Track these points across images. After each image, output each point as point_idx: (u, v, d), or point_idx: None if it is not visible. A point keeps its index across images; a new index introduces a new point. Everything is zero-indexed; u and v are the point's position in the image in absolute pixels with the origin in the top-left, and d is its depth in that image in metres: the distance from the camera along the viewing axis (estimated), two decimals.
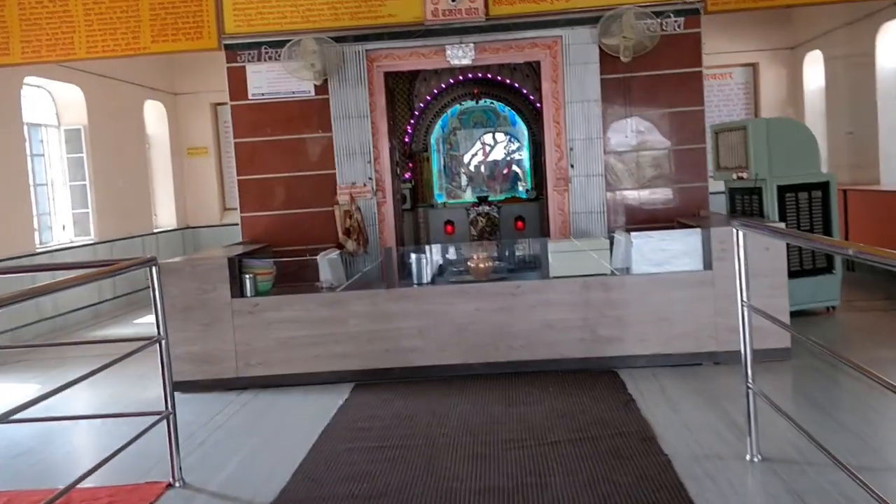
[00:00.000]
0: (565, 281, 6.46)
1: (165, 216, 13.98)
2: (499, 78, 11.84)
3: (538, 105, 11.53)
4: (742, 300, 4.33)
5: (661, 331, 6.40)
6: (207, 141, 14.25)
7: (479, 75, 11.86)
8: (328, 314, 6.52)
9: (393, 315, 6.48)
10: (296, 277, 7.52)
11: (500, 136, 12.32)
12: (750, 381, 4.33)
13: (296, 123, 8.51)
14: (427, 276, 6.61)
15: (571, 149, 8.31)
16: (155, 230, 13.36)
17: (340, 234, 8.32)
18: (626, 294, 6.42)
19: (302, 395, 6.29)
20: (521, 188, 12.40)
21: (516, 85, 11.82)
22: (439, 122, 12.24)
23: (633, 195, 8.45)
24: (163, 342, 4.54)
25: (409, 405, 5.77)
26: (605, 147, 8.35)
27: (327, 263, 6.93)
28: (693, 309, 6.39)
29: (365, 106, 8.38)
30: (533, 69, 11.68)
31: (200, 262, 6.64)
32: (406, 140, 12.05)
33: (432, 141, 12.27)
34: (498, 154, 12.47)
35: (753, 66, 13.81)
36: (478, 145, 12.45)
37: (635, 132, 8.40)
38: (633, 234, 6.64)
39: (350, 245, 8.26)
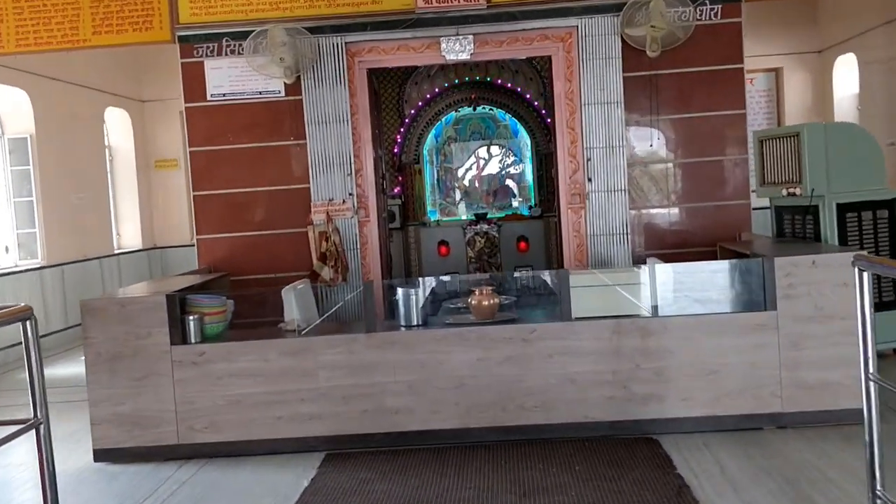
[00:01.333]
0: (591, 324, 5.14)
1: (129, 236, 12.63)
2: (499, 82, 10.56)
3: (543, 112, 10.27)
4: (866, 371, 3.01)
5: (711, 387, 5.08)
6: (178, 153, 12.89)
7: (477, 79, 10.57)
8: (293, 365, 5.19)
9: (374, 366, 5.15)
10: (257, 316, 6.19)
11: (495, 150, 11.02)
12: (879, 486, 3.00)
13: (263, 129, 7.21)
14: (417, 315, 5.28)
15: (589, 159, 7.02)
16: (116, 251, 12.01)
17: (315, 260, 7.02)
18: (667, 340, 5.10)
19: (258, 470, 4.95)
20: (522, 204, 11.10)
21: (518, 89, 10.54)
22: (432, 131, 10.96)
23: (662, 214, 7.16)
24: (41, 427, 3.19)
25: (394, 490, 4.42)
26: (628, 157, 7.06)
27: (294, 299, 5.60)
28: (751, 359, 5.07)
29: (345, 109, 7.08)
30: (537, 71, 10.41)
31: (132, 300, 5.31)
32: (395, 151, 10.76)
33: (425, 152, 10.98)
34: (493, 168, 11.17)
35: (777, 72, 12.57)
36: (473, 158, 11.16)
37: (664, 140, 7.11)
38: (672, 264, 5.34)
39: (326, 273, 6.94)
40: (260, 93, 7.19)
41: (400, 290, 5.28)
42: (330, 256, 6.98)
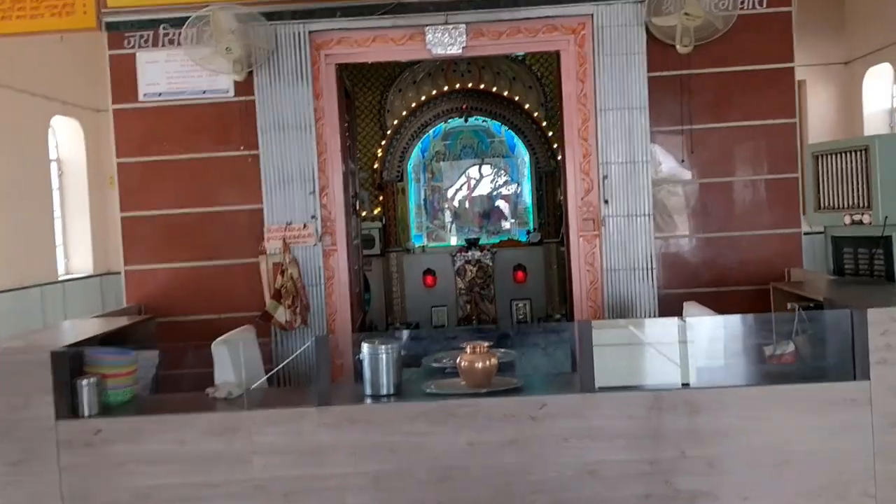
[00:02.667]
0: (621, 396, 3.82)
1: (79, 260, 11.23)
2: (494, 90, 9.29)
3: (543, 124, 9.02)
4: None
5: (782, 482, 3.77)
6: None
7: (470, 86, 9.30)
8: (220, 448, 3.85)
9: (329, 452, 3.82)
10: (187, 376, 4.86)
11: (486, 169, 9.74)
12: None
13: (207, 137, 5.91)
14: (387, 381, 3.95)
15: (605, 177, 5.74)
16: (62, 277, 10.64)
17: (268, 299, 5.71)
18: (723, 419, 3.79)
19: None
20: (519, 229, 9.81)
21: (516, 99, 9.28)
22: (418, 145, 9.68)
23: (694, 245, 5.87)
24: None
25: None
26: (653, 175, 5.78)
27: (227, 355, 4.28)
28: (835, 445, 3.76)
29: (307, 112, 5.80)
30: (537, 78, 9.15)
31: (5, 356, 3.97)
32: (376, 166, 9.47)
33: (409, 168, 9.69)
34: (485, 188, 9.89)
35: (799, 84, 11.32)
36: (464, 178, 9.88)
37: (698, 154, 5.84)
38: (724, 317, 4.05)
39: (281, 315, 5.64)
40: (204, 92, 5.90)
41: (365, 348, 3.95)
42: (286, 294, 5.66)
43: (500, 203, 9.86)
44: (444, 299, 9.36)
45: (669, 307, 5.72)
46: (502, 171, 9.80)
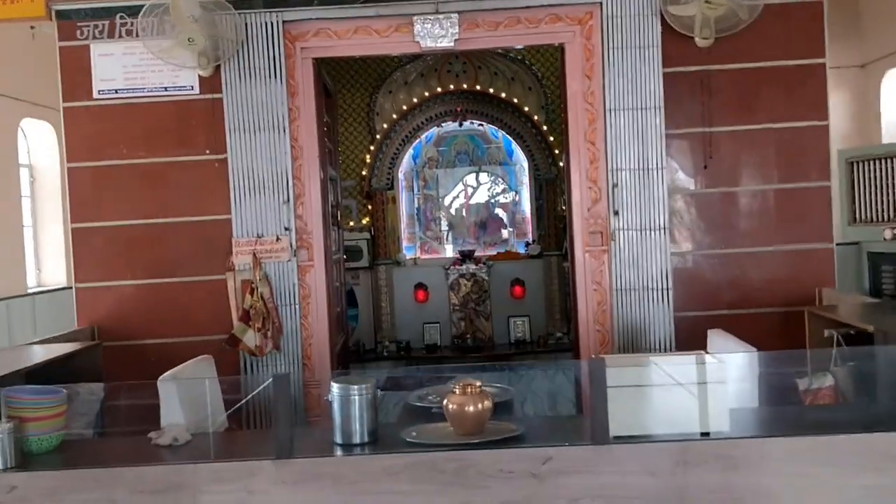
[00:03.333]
0: (641, 448, 3.18)
1: (52, 271, 10.60)
2: (491, 91, 8.67)
3: (544, 129, 8.40)
4: None
5: None
6: None
7: (465, 87, 8.68)
8: None
9: None
10: (134, 412, 4.21)
11: (483, 177, 9.11)
12: None
13: (168, 139, 5.29)
14: (361, 428, 3.31)
15: (615, 185, 5.12)
16: (32, 290, 9.99)
17: (236, 321, 5.08)
18: (764, 476, 3.15)
19: None
20: (517, 240, 9.18)
21: (515, 101, 8.65)
22: (410, 151, 9.05)
23: (715, 262, 5.25)
24: None
25: None
26: (669, 184, 5.16)
27: (174, 392, 3.64)
28: None
29: (281, 112, 5.18)
30: (537, 78, 8.54)
31: None
32: (364, 174, 8.85)
33: (400, 176, 9.06)
34: (481, 197, 9.26)
35: None
36: (460, 186, 9.25)
37: (718, 160, 5.22)
38: (760, 353, 3.41)
39: (251, 339, 5.01)
40: (166, 89, 5.27)
41: (335, 388, 3.30)
42: (256, 315, 5.03)
43: (499, 212, 9.22)
44: (436, 315, 8.73)
45: (686, 332, 5.11)
46: (500, 179, 9.17)
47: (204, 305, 5.27)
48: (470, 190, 9.22)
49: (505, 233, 9.20)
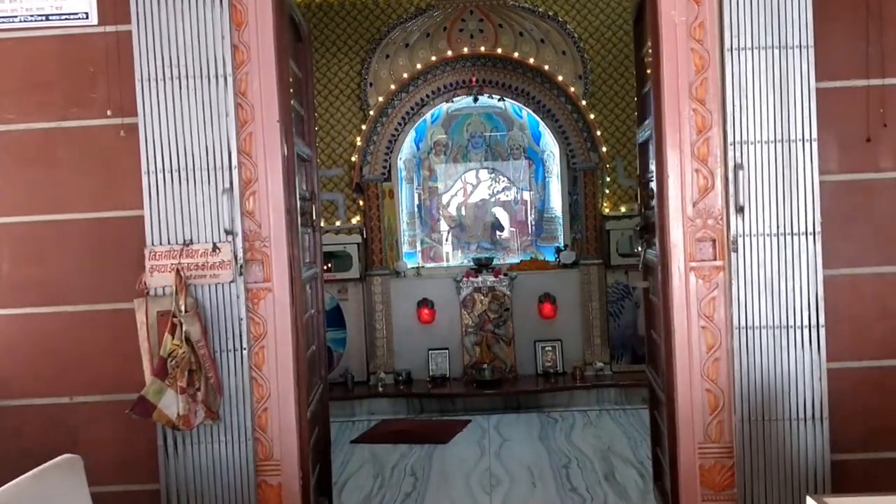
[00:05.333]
0: None
1: None
2: (514, 56, 6.84)
3: (581, 104, 6.61)
4: None
5: None
6: None
7: (482, 50, 6.85)
8: None
9: None
10: None
11: (483, 175, 7.31)
12: None
13: (50, 93, 3.47)
14: None
15: (739, 167, 3.29)
16: None
17: (148, 374, 3.26)
18: None
19: None
20: (542, 245, 7.36)
21: (545, 68, 6.83)
22: (412, 134, 7.22)
23: (892, 287, 3.42)
24: None
25: None
26: (821, 165, 3.33)
27: None
28: None
29: (221, 53, 3.36)
30: (573, 40, 6.76)
31: None
32: (354, 160, 7.01)
33: (400, 164, 7.23)
34: (499, 193, 7.47)
35: None
36: (471, 177, 7.45)
37: None
38: None
39: (171, 403, 3.24)
40: (47, 17, 3.44)
41: None
42: (179, 366, 3.20)
43: (516, 210, 7.43)
44: (445, 340, 6.91)
45: (848, 395, 3.32)
46: (524, 169, 7.34)
47: (102, 348, 3.46)
48: (491, 183, 7.40)
49: (508, 238, 7.39)
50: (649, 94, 3.82)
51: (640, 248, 4.29)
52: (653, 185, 3.83)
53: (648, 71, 3.94)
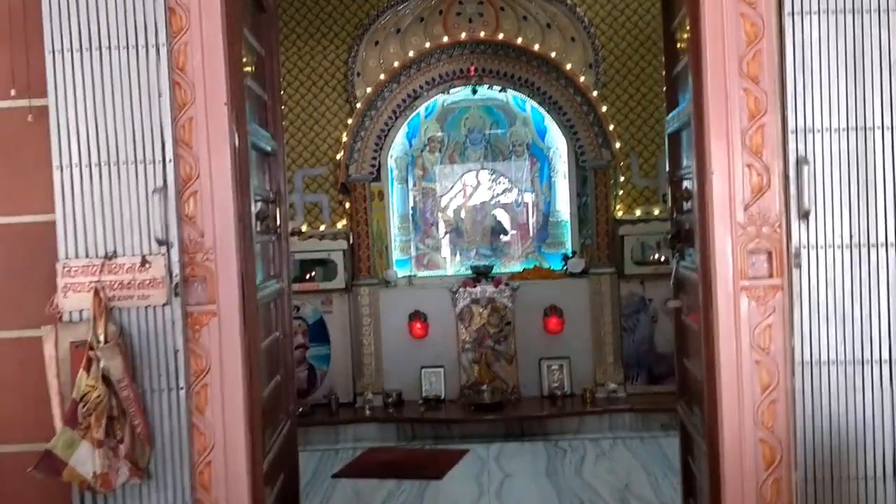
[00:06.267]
0: None
1: None
2: (518, 43, 6.17)
3: (592, 95, 5.96)
4: None
5: None
6: None
7: (482, 36, 6.18)
8: None
9: None
10: None
11: (483, 176, 6.63)
12: None
13: None
14: None
15: (802, 161, 2.61)
16: None
17: (58, 423, 2.56)
18: None
19: None
20: (547, 251, 6.68)
21: (553, 55, 6.16)
22: (404, 129, 6.54)
23: None
24: None
25: None
26: None
27: None
28: None
29: (152, 17, 2.68)
30: (584, 26, 6.09)
31: None
32: (339, 158, 6.33)
33: (390, 162, 6.55)
34: (501, 195, 6.78)
35: None
36: (471, 177, 6.76)
37: None
38: None
39: (85, 458, 2.55)
40: None
41: None
42: (95, 411, 2.53)
43: (519, 213, 6.75)
44: (439, 357, 6.22)
45: None
46: (527, 168, 6.65)
47: (5, 386, 2.78)
48: (492, 183, 6.72)
49: (521, 242, 6.71)
50: (683, 74, 3.15)
51: (670, 260, 3.60)
52: (688, 183, 3.16)
53: (680, 46, 3.27)
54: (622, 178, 6.34)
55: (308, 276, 6.32)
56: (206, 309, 2.75)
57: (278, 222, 3.45)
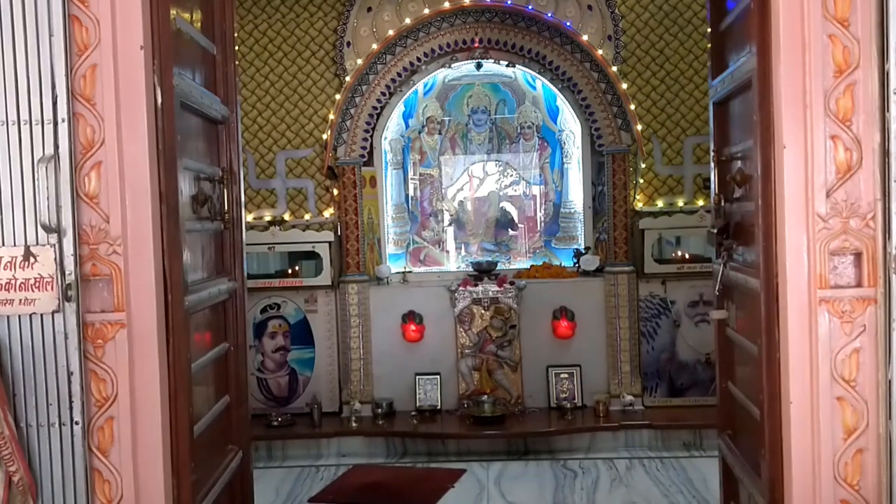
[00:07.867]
0: None
1: None
2: (529, 10, 5.50)
3: (610, 70, 5.30)
4: None
5: None
6: None
7: (486, 3, 5.51)
8: None
9: None
10: None
11: (490, 167, 5.95)
12: None
13: None
14: None
15: None
16: None
17: None
18: None
19: None
20: (558, 247, 6.01)
21: (567, 24, 5.48)
22: (399, 107, 5.88)
23: None
24: None
25: None
26: None
27: None
28: None
29: None
30: None
31: None
32: (325, 139, 5.67)
33: (384, 145, 5.89)
34: (508, 184, 6.11)
35: None
36: (477, 163, 6.09)
37: None
38: None
39: None
40: None
41: None
42: None
43: (527, 204, 6.09)
44: (436, 363, 5.58)
45: None
46: (537, 153, 5.98)
47: None
48: (497, 170, 6.05)
49: (522, 234, 6.04)
50: (739, 24, 2.48)
51: (714, 260, 2.92)
52: (740, 163, 2.49)
53: None
54: (643, 165, 5.66)
55: (291, 271, 5.69)
56: (112, 318, 2.10)
57: (224, 206, 2.78)
